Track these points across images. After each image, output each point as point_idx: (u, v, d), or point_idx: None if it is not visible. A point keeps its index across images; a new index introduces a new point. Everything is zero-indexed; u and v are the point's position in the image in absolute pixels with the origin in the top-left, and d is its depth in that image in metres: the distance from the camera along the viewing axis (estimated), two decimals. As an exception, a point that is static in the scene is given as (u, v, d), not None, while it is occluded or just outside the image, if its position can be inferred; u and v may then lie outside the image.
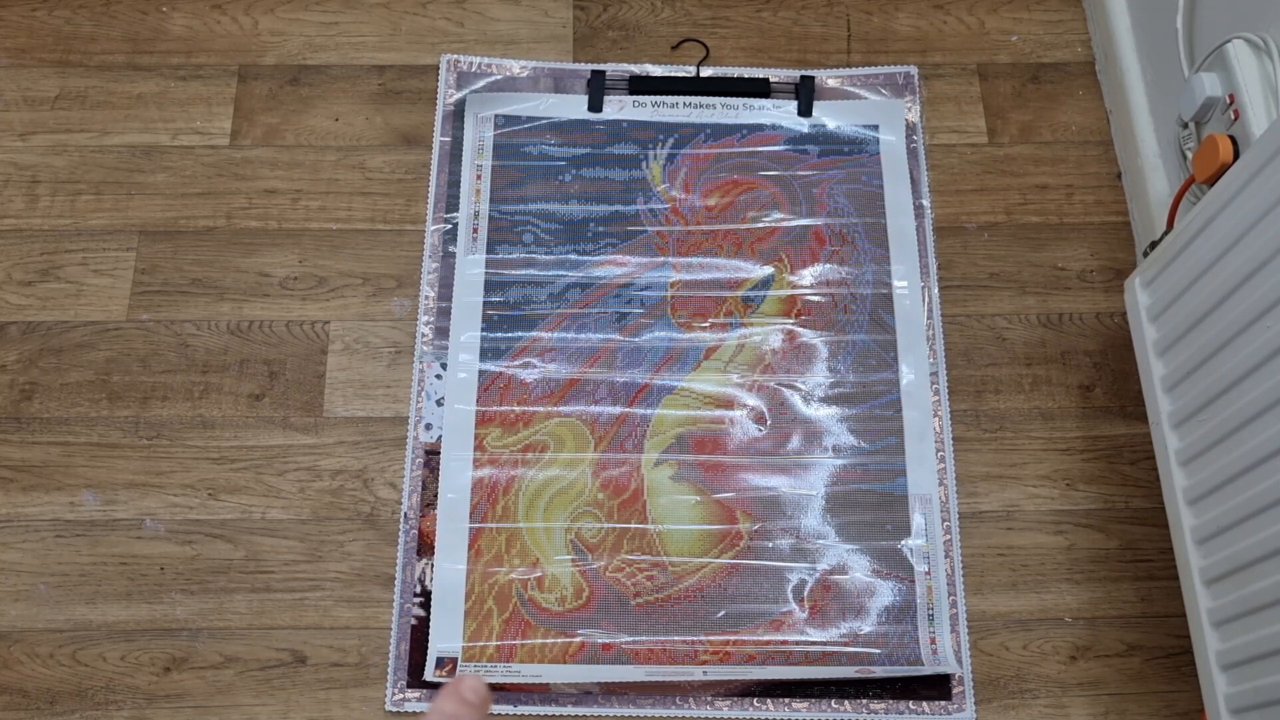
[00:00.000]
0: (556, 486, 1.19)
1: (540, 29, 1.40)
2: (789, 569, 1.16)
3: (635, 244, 1.29)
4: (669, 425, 1.21)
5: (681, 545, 1.17)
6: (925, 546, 1.17)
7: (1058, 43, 1.40)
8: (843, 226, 1.30)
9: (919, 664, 1.12)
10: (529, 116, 1.34)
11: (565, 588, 1.15)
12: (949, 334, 1.26)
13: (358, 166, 1.33)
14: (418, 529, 1.17)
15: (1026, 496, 1.20)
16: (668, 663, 1.12)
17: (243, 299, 1.27)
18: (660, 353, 1.24)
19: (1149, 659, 1.15)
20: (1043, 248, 1.30)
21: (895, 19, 1.42)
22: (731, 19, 1.42)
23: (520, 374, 1.23)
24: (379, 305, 1.27)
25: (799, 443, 1.21)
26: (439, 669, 1.11)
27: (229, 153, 1.33)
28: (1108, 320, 1.27)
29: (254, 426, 1.21)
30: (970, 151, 1.35)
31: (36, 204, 1.30)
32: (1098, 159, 1.35)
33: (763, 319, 1.26)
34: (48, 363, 1.23)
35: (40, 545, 1.17)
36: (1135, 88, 1.30)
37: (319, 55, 1.38)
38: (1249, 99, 1.02)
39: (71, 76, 1.36)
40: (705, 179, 1.32)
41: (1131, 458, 1.22)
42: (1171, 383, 1.01)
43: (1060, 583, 1.17)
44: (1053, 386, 1.24)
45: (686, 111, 1.35)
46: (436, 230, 1.29)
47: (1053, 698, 1.13)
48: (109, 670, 1.12)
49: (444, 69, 1.37)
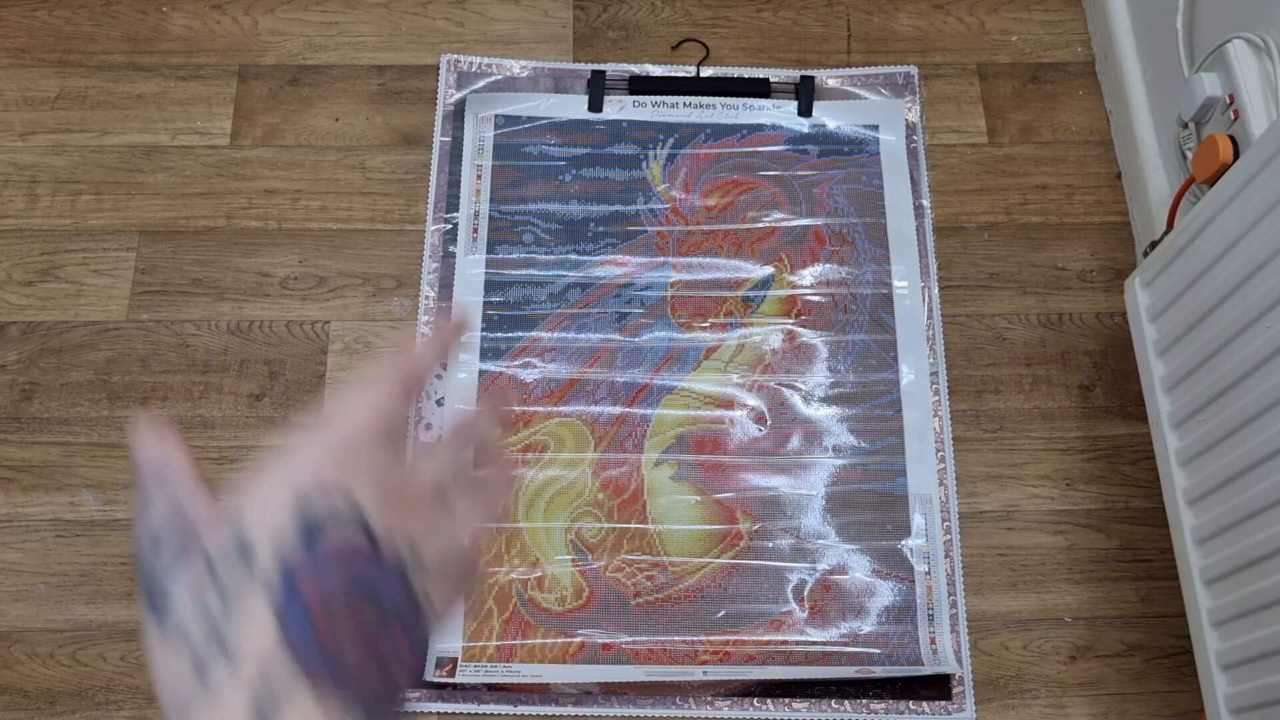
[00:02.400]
0: (556, 486, 1.19)
1: (540, 29, 1.40)
2: (789, 569, 1.16)
3: (635, 244, 1.29)
4: (669, 425, 1.21)
5: (681, 545, 1.17)
6: (925, 546, 1.17)
7: (1058, 43, 1.40)
8: (843, 226, 1.30)
9: (919, 664, 1.12)
10: (529, 116, 1.34)
11: (565, 588, 1.15)
12: (949, 334, 1.26)
13: (358, 166, 1.33)
14: (418, 529, 1.17)
15: (1026, 496, 1.20)
16: (668, 663, 1.12)
17: (243, 299, 1.27)
18: (660, 353, 1.24)
19: (1149, 659, 1.15)
20: (1043, 248, 1.30)
21: (895, 19, 1.42)
22: (731, 19, 1.42)
23: (520, 374, 1.23)
24: (379, 305, 1.27)
25: (799, 443, 1.21)
26: (439, 669, 1.11)
27: (229, 153, 1.33)
28: (1108, 320, 1.27)
29: (254, 426, 1.21)
30: (970, 151, 1.35)
31: (36, 204, 1.30)
32: (1098, 159, 1.35)
33: (763, 319, 1.26)
34: (48, 363, 1.23)
35: (40, 545, 1.17)
36: (1135, 88, 1.30)
37: (319, 55, 1.38)
38: (1249, 99, 1.02)
39: (71, 76, 1.36)
40: (705, 179, 1.32)
41: (1131, 458, 1.22)
42: (1171, 383, 1.01)
43: (1060, 583, 1.17)
44: (1053, 386, 1.24)
45: (686, 111, 1.35)
46: (436, 230, 1.29)
47: (1053, 698, 1.13)
48: (109, 670, 1.12)
49: (444, 69, 1.37)
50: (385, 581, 0.33)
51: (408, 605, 0.33)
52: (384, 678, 0.32)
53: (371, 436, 0.35)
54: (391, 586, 0.33)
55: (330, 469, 0.34)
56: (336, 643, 0.30)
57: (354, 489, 0.33)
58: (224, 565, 0.32)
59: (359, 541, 0.32)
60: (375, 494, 0.34)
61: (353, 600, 0.31)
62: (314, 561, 0.31)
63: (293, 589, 0.31)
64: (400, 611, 0.33)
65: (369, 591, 0.32)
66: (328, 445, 0.34)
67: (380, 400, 0.36)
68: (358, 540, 0.32)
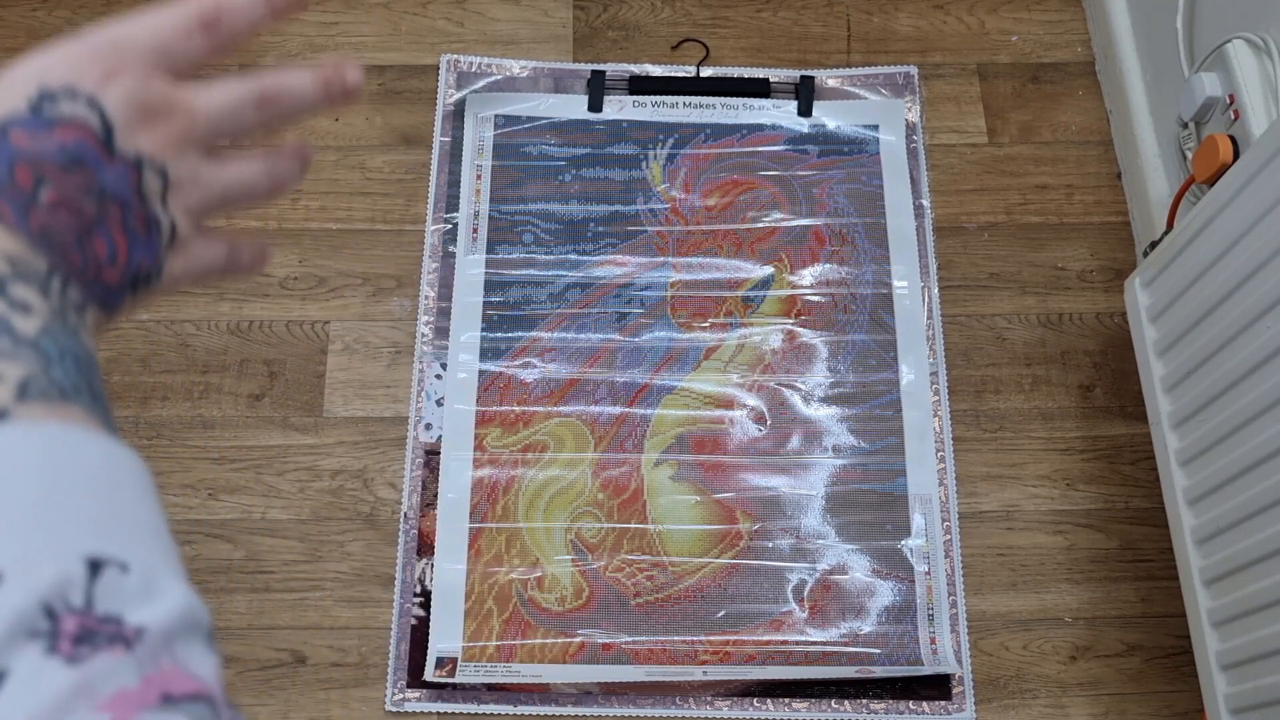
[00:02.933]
0: (556, 486, 1.19)
1: (540, 29, 1.40)
2: (789, 569, 1.16)
3: (635, 244, 1.29)
4: (669, 425, 1.21)
5: (681, 545, 1.17)
6: (925, 546, 1.17)
7: (1058, 43, 1.40)
8: (843, 226, 1.30)
9: (919, 664, 1.12)
10: (529, 116, 1.34)
11: (565, 588, 1.15)
12: (949, 334, 1.26)
13: (358, 166, 1.33)
14: (418, 529, 1.17)
15: (1026, 496, 1.20)
16: (668, 663, 1.12)
17: (243, 299, 1.27)
18: (660, 353, 1.24)
19: (1149, 659, 1.15)
20: (1043, 248, 1.30)
21: (895, 19, 1.42)
22: (731, 19, 1.42)
23: (520, 374, 1.23)
24: (379, 305, 1.27)
25: (799, 443, 1.21)
26: (439, 669, 1.11)
27: (229, 153, 1.33)
28: (1108, 320, 1.27)
29: (254, 426, 1.21)
30: (970, 151, 1.35)
31: (36, 204, 1.30)
32: (1098, 159, 1.35)
33: (763, 319, 1.26)
34: (48, 363, 1.23)
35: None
36: (1135, 88, 1.30)
37: (319, 55, 1.38)
38: (1249, 99, 1.02)
39: (71, 76, 1.36)
40: (705, 179, 1.32)
41: (1131, 458, 1.22)
42: (1171, 383, 1.01)
43: (1060, 583, 1.17)
44: (1053, 386, 1.24)
45: (686, 111, 1.35)
46: (436, 230, 1.29)
47: (1053, 698, 1.13)
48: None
49: (444, 69, 1.37)
50: (110, 169, 0.33)
51: (135, 203, 0.34)
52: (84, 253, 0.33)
53: (142, 59, 0.35)
54: (116, 176, 0.34)
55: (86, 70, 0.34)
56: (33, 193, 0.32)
57: (102, 93, 0.34)
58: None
59: (91, 124, 0.33)
60: (129, 108, 0.34)
61: (67, 167, 0.32)
62: (34, 125, 0.33)
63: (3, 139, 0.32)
64: (122, 201, 0.34)
65: (88, 169, 0.33)
66: (90, 51, 0.35)
67: (168, 27, 0.36)
68: (90, 123, 0.33)
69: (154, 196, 0.35)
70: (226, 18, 0.36)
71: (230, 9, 0.36)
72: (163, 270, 0.36)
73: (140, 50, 0.35)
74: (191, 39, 0.36)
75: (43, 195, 0.32)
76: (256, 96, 0.37)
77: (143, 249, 0.35)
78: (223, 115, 0.36)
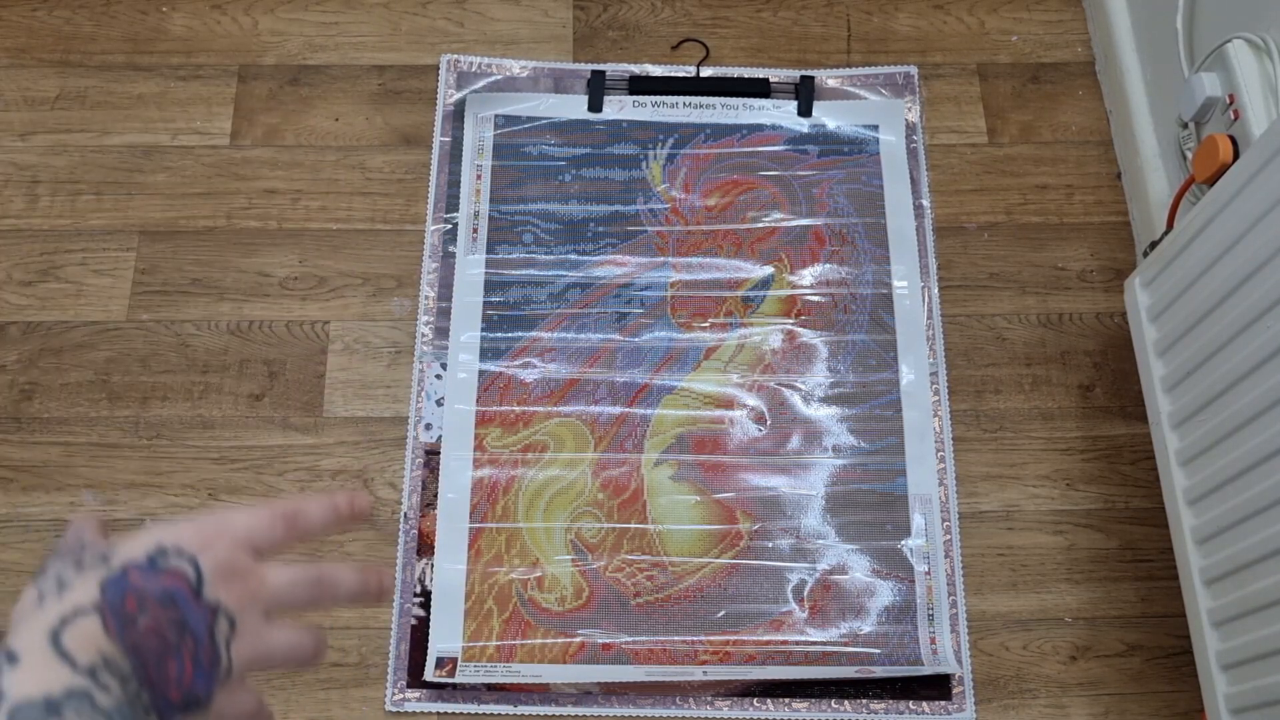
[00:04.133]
0: (556, 486, 1.19)
1: (540, 29, 1.40)
2: (789, 569, 1.16)
3: (635, 244, 1.29)
4: (669, 425, 1.21)
5: (681, 545, 1.17)
6: (925, 546, 1.17)
7: (1058, 43, 1.40)
8: (843, 226, 1.30)
9: (919, 664, 1.12)
10: (529, 116, 1.34)
11: (565, 588, 1.15)
12: (949, 334, 1.26)
13: (358, 166, 1.33)
14: (417, 529, 1.17)
15: (1026, 496, 1.20)
16: (668, 663, 1.12)
17: (243, 299, 1.27)
18: (660, 353, 1.24)
19: (1149, 659, 1.15)
20: (1043, 248, 1.30)
21: (895, 19, 1.42)
22: (731, 19, 1.42)
23: (520, 374, 1.23)
24: (379, 305, 1.27)
25: (799, 443, 1.21)
26: (439, 669, 1.11)
27: (229, 153, 1.33)
28: (1108, 320, 1.27)
29: (254, 426, 1.21)
30: (970, 151, 1.35)
31: (36, 204, 1.30)
32: (1098, 159, 1.35)
33: (763, 319, 1.26)
34: (48, 363, 1.23)
35: (40, 545, 1.17)
36: (1135, 88, 1.30)
37: (319, 55, 1.38)
38: (1249, 99, 1.02)
39: (71, 76, 1.36)
40: (705, 179, 1.32)
41: (1131, 458, 1.22)
42: (1171, 383, 1.01)
43: (1060, 583, 1.17)
44: (1053, 386, 1.24)
45: (686, 111, 1.35)
46: (436, 230, 1.29)
47: (1053, 698, 1.13)
48: (109, 670, 1.12)
49: (444, 69, 1.37)
50: (194, 611, 0.43)
51: (207, 638, 0.43)
52: (159, 669, 0.42)
53: (235, 539, 0.45)
54: (197, 617, 0.43)
55: (192, 539, 0.44)
56: (134, 617, 0.41)
57: (200, 555, 0.44)
58: (90, 557, 0.43)
59: (188, 574, 0.43)
60: (218, 570, 0.44)
61: (164, 603, 0.42)
62: (148, 569, 0.43)
63: (123, 576, 0.42)
64: (197, 637, 0.42)
65: (178, 608, 0.42)
66: (199, 528, 0.45)
67: (258, 521, 0.47)
68: (188, 573, 0.43)
69: (222, 638, 0.43)
70: (303, 518, 0.48)
71: (307, 513, 0.48)
72: (211, 702, 0.43)
73: (234, 531, 0.46)
74: (274, 529, 0.47)
75: (141, 620, 0.41)
76: (313, 578, 0.48)
77: (204, 679, 0.42)
78: (286, 588, 0.47)
